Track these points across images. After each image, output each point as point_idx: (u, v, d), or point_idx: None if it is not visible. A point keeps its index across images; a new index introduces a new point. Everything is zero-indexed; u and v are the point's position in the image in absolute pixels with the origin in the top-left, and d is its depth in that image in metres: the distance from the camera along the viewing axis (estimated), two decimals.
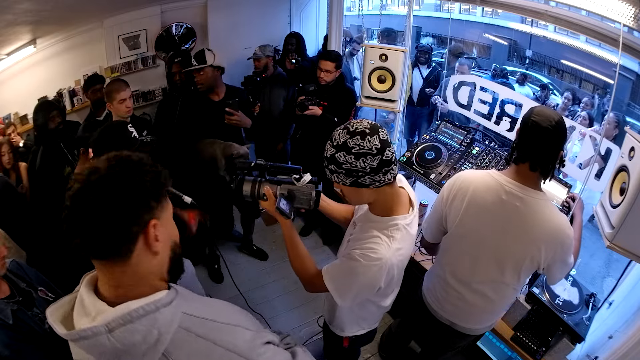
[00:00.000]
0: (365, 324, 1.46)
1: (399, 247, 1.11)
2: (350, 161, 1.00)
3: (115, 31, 2.91)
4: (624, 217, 1.21)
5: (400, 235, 1.12)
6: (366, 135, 0.99)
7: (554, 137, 1.20)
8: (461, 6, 6.61)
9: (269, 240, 3.28)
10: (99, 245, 0.64)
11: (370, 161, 0.99)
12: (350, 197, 1.12)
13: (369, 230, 1.14)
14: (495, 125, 2.20)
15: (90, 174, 0.64)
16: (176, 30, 3.22)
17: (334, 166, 1.04)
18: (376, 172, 1.02)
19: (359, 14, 3.44)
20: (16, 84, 2.59)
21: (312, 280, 1.24)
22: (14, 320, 1.20)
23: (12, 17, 2.20)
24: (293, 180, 1.21)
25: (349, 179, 1.03)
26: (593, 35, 1.71)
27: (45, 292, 1.40)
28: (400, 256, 1.13)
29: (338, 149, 1.01)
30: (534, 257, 1.29)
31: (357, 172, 1.01)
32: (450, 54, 3.86)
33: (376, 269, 1.08)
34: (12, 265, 1.37)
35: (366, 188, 1.05)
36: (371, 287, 1.15)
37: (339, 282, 1.17)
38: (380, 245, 1.09)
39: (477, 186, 1.34)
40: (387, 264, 1.09)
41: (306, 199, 1.23)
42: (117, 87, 2.18)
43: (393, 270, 1.13)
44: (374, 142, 0.99)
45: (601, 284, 2.50)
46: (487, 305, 1.47)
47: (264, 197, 1.22)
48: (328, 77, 2.62)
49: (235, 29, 3.44)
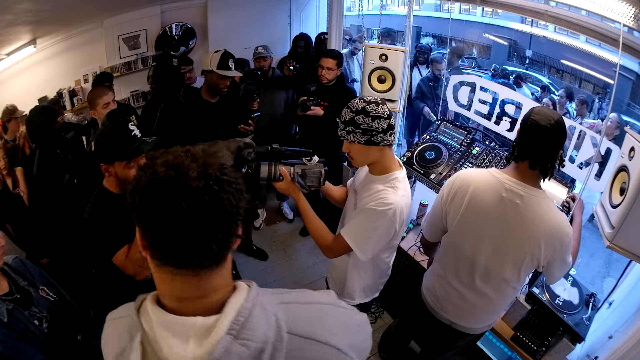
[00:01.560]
0: (370, 291, 1.65)
1: (403, 194, 1.35)
2: (367, 122, 1.26)
3: (115, 31, 2.91)
4: (624, 217, 1.21)
5: (400, 185, 1.35)
6: (380, 104, 1.29)
7: (552, 135, 1.20)
8: (461, 6, 6.60)
9: (269, 240, 3.29)
10: (208, 253, 0.54)
11: (382, 123, 1.27)
12: (359, 155, 1.35)
13: (374, 187, 1.36)
14: (495, 125, 2.20)
15: (202, 170, 0.53)
16: (176, 30, 3.22)
17: (352, 127, 1.28)
18: (385, 132, 1.29)
19: (359, 14, 3.44)
20: (16, 84, 2.59)
21: (332, 245, 1.40)
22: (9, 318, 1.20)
23: (12, 17, 2.20)
24: (305, 161, 1.39)
25: (365, 137, 1.28)
26: (593, 35, 1.71)
27: (47, 291, 1.40)
28: (405, 200, 1.35)
29: (357, 113, 1.27)
30: (534, 255, 1.29)
31: (371, 131, 1.27)
32: (452, 54, 3.87)
33: (391, 213, 1.29)
34: (15, 262, 1.37)
35: (375, 146, 1.30)
36: (389, 231, 1.35)
37: (360, 236, 1.35)
38: (388, 193, 1.31)
39: (477, 184, 1.35)
40: (399, 207, 1.30)
41: (316, 177, 1.40)
42: (98, 93, 2.19)
43: (403, 213, 1.34)
44: (385, 109, 1.29)
45: (601, 284, 2.50)
46: (487, 304, 1.47)
47: (280, 178, 1.36)
48: (330, 74, 2.61)
49: (235, 29, 3.44)
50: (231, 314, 0.54)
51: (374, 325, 2.53)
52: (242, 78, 2.98)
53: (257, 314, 0.56)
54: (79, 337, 1.46)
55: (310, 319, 0.64)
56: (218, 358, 0.51)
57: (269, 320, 0.57)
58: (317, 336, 0.61)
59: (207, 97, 2.37)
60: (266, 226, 3.47)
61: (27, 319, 1.26)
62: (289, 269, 3.00)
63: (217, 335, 0.52)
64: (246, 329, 0.54)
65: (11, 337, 1.18)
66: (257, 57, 3.00)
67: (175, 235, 0.52)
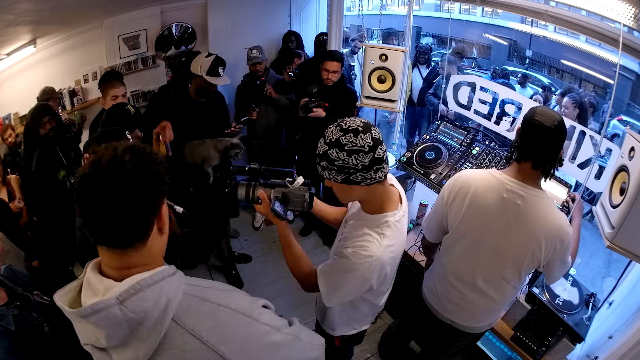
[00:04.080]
0: (357, 324, 1.47)
1: (390, 244, 1.12)
2: (342, 158, 1.00)
3: (115, 31, 2.90)
4: (624, 217, 1.21)
5: (390, 232, 1.12)
6: (359, 132, 1.00)
7: (556, 136, 1.21)
8: (461, 6, 6.61)
9: (269, 240, 3.29)
10: (122, 235, 0.65)
11: (362, 158, 1.00)
12: (341, 194, 1.12)
13: (360, 228, 1.15)
14: (495, 125, 2.20)
15: (112, 166, 0.63)
16: (176, 30, 3.22)
17: (325, 162, 1.04)
18: (367, 170, 1.02)
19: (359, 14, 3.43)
20: (16, 84, 2.59)
21: (307, 279, 1.25)
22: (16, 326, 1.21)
23: (12, 17, 2.20)
24: (286, 183, 1.24)
25: (341, 176, 1.04)
26: (593, 35, 1.71)
27: (41, 295, 1.41)
28: (391, 253, 1.13)
29: (331, 146, 1.01)
30: (535, 254, 1.30)
31: (349, 169, 1.02)
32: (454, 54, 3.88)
33: (367, 266, 1.08)
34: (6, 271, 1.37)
35: (357, 185, 1.06)
36: (361, 285, 1.16)
37: (329, 281, 1.18)
38: (371, 242, 1.10)
39: (478, 185, 1.35)
40: (379, 262, 1.09)
41: (299, 201, 1.25)
42: (111, 84, 2.23)
43: (385, 268, 1.13)
44: (367, 139, 1.00)
45: (601, 284, 2.49)
46: (488, 303, 1.48)
47: (259, 201, 1.23)
48: (335, 77, 2.62)
49: (235, 29, 3.43)
50: (127, 284, 0.64)
51: (374, 326, 2.52)
52: (240, 88, 2.97)
53: (149, 292, 0.65)
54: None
55: (205, 318, 0.70)
56: (96, 310, 0.61)
57: (158, 301, 0.65)
58: (199, 333, 0.67)
59: (194, 96, 2.37)
60: (266, 226, 3.45)
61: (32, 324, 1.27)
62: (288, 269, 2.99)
63: (109, 295, 0.62)
64: (131, 300, 0.62)
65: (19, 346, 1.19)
66: (253, 62, 2.91)
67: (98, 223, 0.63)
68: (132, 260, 0.68)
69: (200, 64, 2.27)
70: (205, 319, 0.69)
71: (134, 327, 0.63)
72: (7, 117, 2.58)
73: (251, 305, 0.77)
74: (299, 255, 1.28)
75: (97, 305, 0.61)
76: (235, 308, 0.73)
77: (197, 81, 2.33)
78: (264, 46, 3.00)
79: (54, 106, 2.59)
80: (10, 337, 1.17)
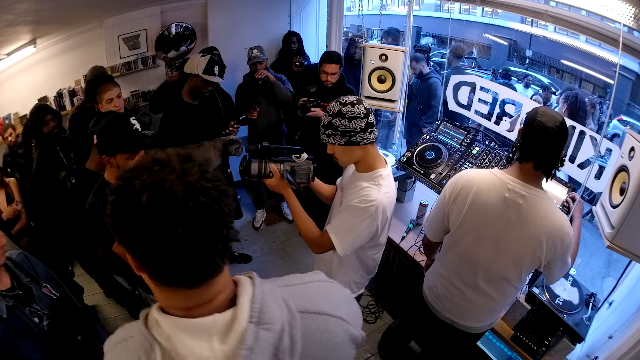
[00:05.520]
0: (355, 287, 1.66)
1: (387, 191, 1.36)
2: (345, 124, 1.28)
3: (115, 31, 2.90)
4: (624, 217, 1.21)
5: (385, 182, 1.37)
6: (355, 104, 1.28)
7: (558, 137, 1.21)
8: (461, 6, 6.61)
9: (269, 240, 3.29)
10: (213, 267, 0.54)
11: (359, 122, 1.28)
12: (342, 156, 1.36)
13: (359, 184, 1.38)
14: (495, 126, 2.20)
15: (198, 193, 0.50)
16: (176, 30, 3.22)
17: (330, 130, 1.30)
18: (364, 132, 1.30)
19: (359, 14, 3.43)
20: (16, 84, 2.59)
21: (318, 240, 1.43)
22: (8, 314, 1.21)
23: (12, 17, 2.20)
24: (294, 159, 1.42)
25: (344, 139, 1.30)
26: (593, 35, 1.71)
27: (50, 289, 1.41)
28: (389, 197, 1.37)
29: (334, 116, 1.28)
30: (535, 253, 1.30)
31: (350, 132, 1.28)
32: (452, 54, 3.87)
33: (373, 209, 1.31)
34: (19, 257, 1.38)
35: (357, 145, 1.31)
36: (370, 228, 1.35)
37: (341, 231, 1.37)
38: (372, 190, 1.34)
39: (480, 185, 1.35)
40: (381, 204, 1.32)
41: (305, 173, 1.44)
42: (103, 88, 2.19)
43: (386, 211, 1.35)
44: (361, 109, 1.28)
45: (601, 284, 2.49)
46: (489, 303, 1.48)
47: (270, 175, 1.41)
48: (334, 79, 2.63)
49: (235, 29, 3.43)
50: (246, 304, 0.54)
51: (374, 326, 2.53)
52: (241, 87, 2.97)
53: (268, 300, 0.57)
54: (79, 338, 1.47)
55: (312, 296, 0.68)
56: (251, 347, 0.51)
57: (279, 303, 0.59)
58: (322, 310, 0.65)
59: (188, 99, 2.36)
60: (266, 226, 3.47)
61: (26, 317, 1.27)
62: (289, 269, 3.00)
63: (240, 326, 0.52)
64: (264, 314, 0.54)
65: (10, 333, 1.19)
66: (253, 62, 2.88)
67: (178, 263, 0.50)
68: (217, 288, 0.57)
69: (196, 63, 2.26)
70: (313, 296, 0.68)
71: (279, 338, 0.56)
72: (7, 117, 2.58)
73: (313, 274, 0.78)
74: (308, 220, 1.46)
75: (247, 342, 0.51)
76: (319, 279, 0.75)
77: (191, 82, 2.32)
78: (264, 46, 2.99)
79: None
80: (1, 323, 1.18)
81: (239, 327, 0.52)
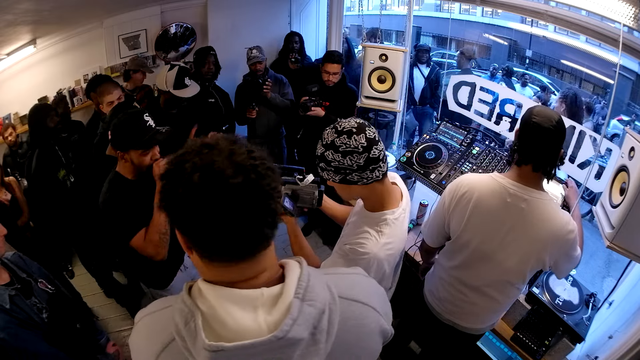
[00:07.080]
0: None
1: (388, 242, 1.12)
2: (337, 159, 1.03)
3: (115, 31, 2.91)
4: (624, 217, 1.21)
5: (389, 230, 1.12)
6: (352, 134, 1.02)
7: (555, 137, 1.20)
8: (461, 6, 6.62)
9: None
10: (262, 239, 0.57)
11: (356, 159, 1.02)
12: (342, 192, 1.15)
13: (361, 226, 1.16)
14: (495, 125, 2.20)
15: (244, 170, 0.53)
16: (176, 30, 3.22)
17: (323, 164, 1.07)
18: (363, 170, 1.04)
19: (359, 14, 3.43)
20: (16, 84, 2.59)
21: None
22: (11, 305, 1.23)
23: (12, 17, 2.20)
24: (297, 180, 1.24)
25: (338, 177, 1.07)
26: (593, 35, 1.71)
27: (45, 284, 1.44)
28: (389, 250, 1.12)
29: (327, 148, 1.04)
30: (540, 256, 1.29)
31: (344, 170, 1.04)
32: (462, 56, 3.91)
33: (364, 263, 1.08)
34: (14, 257, 1.41)
35: (355, 185, 1.08)
36: None
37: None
38: (368, 240, 1.11)
39: (481, 191, 1.34)
40: (375, 259, 1.09)
41: (309, 198, 1.26)
42: (105, 89, 2.20)
43: (383, 266, 1.12)
44: (360, 140, 1.01)
45: (601, 284, 2.50)
46: (492, 305, 1.48)
47: None
48: (335, 78, 2.63)
49: (235, 29, 3.43)
50: (294, 280, 0.57)
51: None
52: (241, 87, 2.96)
53: (314, 280, 0.59)
54: (78, 326, 1.53)
55: (350, 285, 0.72)
56: (295, 317, 0.53)
57: (323, 285, 0.61)
58: (359, 298, 0.69)
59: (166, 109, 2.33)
60: None
61: (28, 307, 1.29)
62: None
63: (287, 299, 0.55)
64: (309, 292, 0.57)
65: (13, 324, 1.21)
66: (253, 61, 2.87)
67: (230, 236, 0.53)
68: (264, 264, 0.60)
69: (164, 79, 2.21)
70: (352, 286, 0.72)
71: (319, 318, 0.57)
72: (7, 117, 2.58)
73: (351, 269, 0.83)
74: (308, 253, 1.31)
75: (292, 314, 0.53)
76: (357, 272, 0.79)
77: (164, 96, 2.29)
78: (264, 46, 2.99)
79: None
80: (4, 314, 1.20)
81: (286, 299, 0.55)
